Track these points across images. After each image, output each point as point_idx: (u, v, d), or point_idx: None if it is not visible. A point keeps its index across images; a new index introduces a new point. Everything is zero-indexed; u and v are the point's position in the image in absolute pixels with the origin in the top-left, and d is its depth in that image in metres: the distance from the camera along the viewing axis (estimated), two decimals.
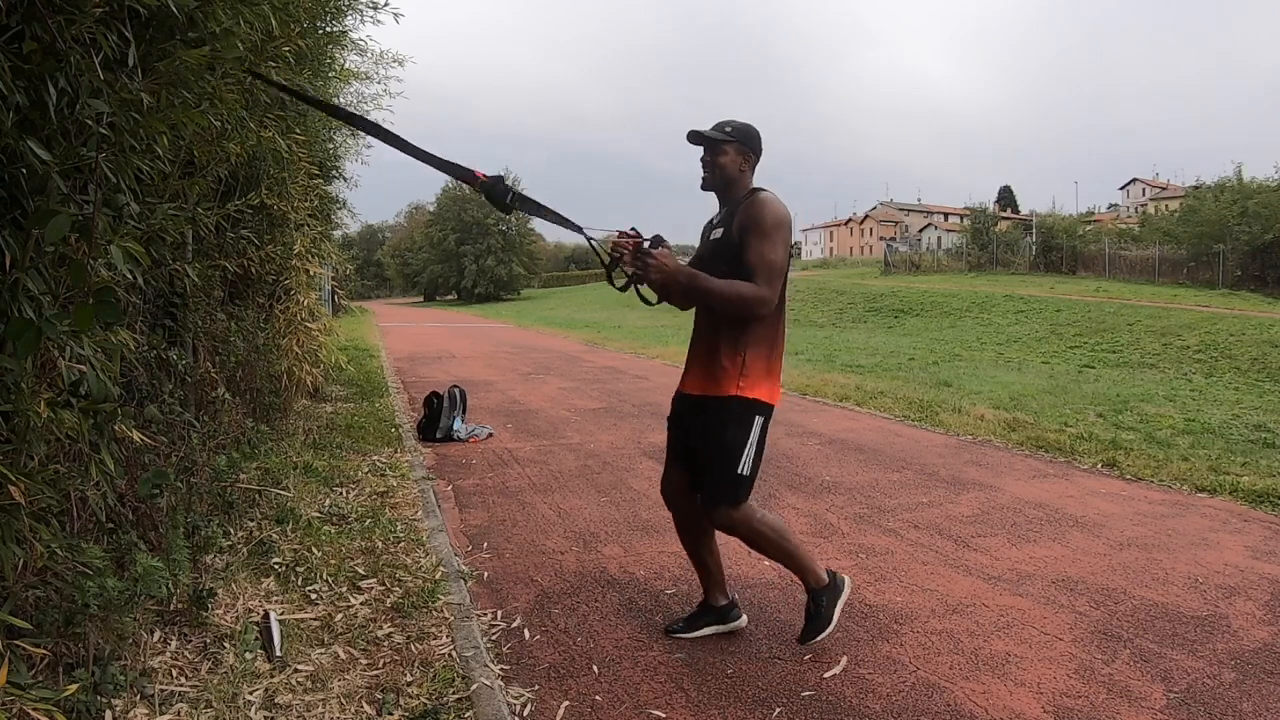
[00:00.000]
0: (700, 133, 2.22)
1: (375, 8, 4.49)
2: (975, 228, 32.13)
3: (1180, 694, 2.08)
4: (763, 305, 2.10)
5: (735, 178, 2.24)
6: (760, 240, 2.10)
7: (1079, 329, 16.40)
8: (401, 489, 3.88)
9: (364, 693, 1.97)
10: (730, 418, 2.18)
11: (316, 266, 5.19)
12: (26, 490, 1.45)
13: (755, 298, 2.08)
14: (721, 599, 2.45)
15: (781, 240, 2.13)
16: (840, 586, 2.34)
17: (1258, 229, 21.90)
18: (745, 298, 2.08)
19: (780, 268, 2.12)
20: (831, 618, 2.29)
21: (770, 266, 2.09)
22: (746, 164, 2.25)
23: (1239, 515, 3.77)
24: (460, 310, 37.96)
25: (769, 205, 2.14)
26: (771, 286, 2.10)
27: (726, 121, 2.24)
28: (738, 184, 2.25)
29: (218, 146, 2.33)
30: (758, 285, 2.08)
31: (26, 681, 1.53)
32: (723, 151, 2.22)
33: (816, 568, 2.32)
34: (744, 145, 2.23)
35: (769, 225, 2.11)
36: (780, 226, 2.13)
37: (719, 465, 2.19)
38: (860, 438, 5.59)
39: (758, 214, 2.13)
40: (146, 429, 2.23)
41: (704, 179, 2.27)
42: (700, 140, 2.24)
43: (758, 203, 2.15)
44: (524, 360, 11.38)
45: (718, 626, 2.42)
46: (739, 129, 2.23)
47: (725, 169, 2.23)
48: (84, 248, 1.52)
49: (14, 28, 1.39)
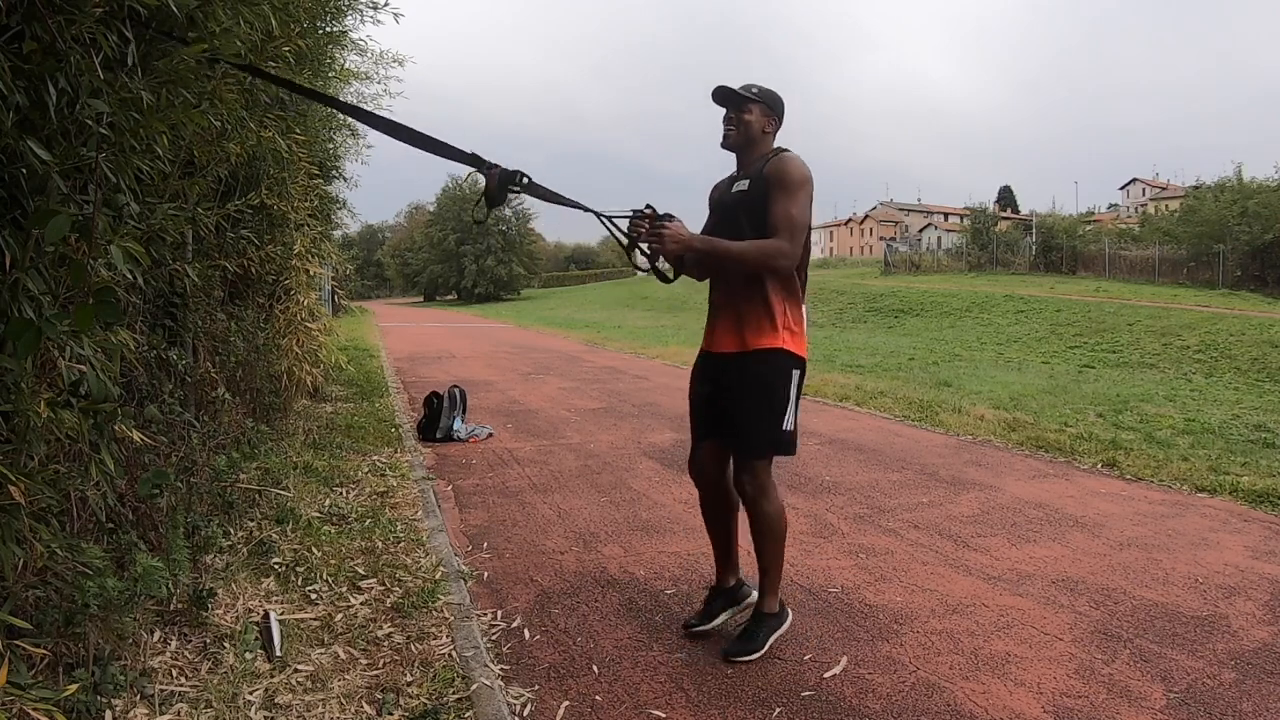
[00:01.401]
0: (726, 88, 2.23)
1: (375, 8, 4.50)
2: (975, 228, 32.14)
3: (1180, 694, 2.08)
4: (784, 257, 2.11)
5: (758, 137, 2.25)
6: (785, 195, 2.12)
7: (1079, 329, 16.41)
8: (401, 489, 3.88)
9: (364, 693, 1.97)
10: (774, 371, 2.18)
11: (316, 266, 5.19)
12: (26, 490, 1.45)
13: (777, 250, 2.09)
14: (732, 579, 2.45)
15: (805, 196, 2.14)
16: (784, 619, 2.35)
17: (1258, 229, 21.91)
18: (767, 251, 2.09)
19: (803, 224, 2.14)
20: (764, 645, 2.26)
21: (793, 221, 2.11)
22: (770, 125, 2.27)
23: (1239, 515, 3.77)
24: (460, 310, 37.97)
25: (794, 162, 2.17)
26: (794, 240, 2.10)
27: (752, 84, 2.26)
28: (759, 144, 2.26)
29: (218, 146, 2.33)
30: (779, 239, 2.09)
31: (26, 681, 1.53)
32: (748, 110, 2.23)
33: (778, 595, 2.33)
34: (768, 106, 2.25)
35: (795, 181, 2.13)
36: (806, 184, 2.15)
37: (765, 420, 2.18)
38: (860, 438, 5.59)
39: (785, 169, 2.15)
40: (146, 429, 2.23)
41: (726, 135, 2.27)
42: (726, 97, 2.24)
43: (785, 159, 2.18)
44: (524, 360, 11.38)
45: (732, 608, 2.42)
46: (764, 91, 2.25)
47: (750, 127, 2.23)
48: (84, 248, 1.52)
49: (14, 28, 1.39)
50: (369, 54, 6.03)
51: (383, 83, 6.60)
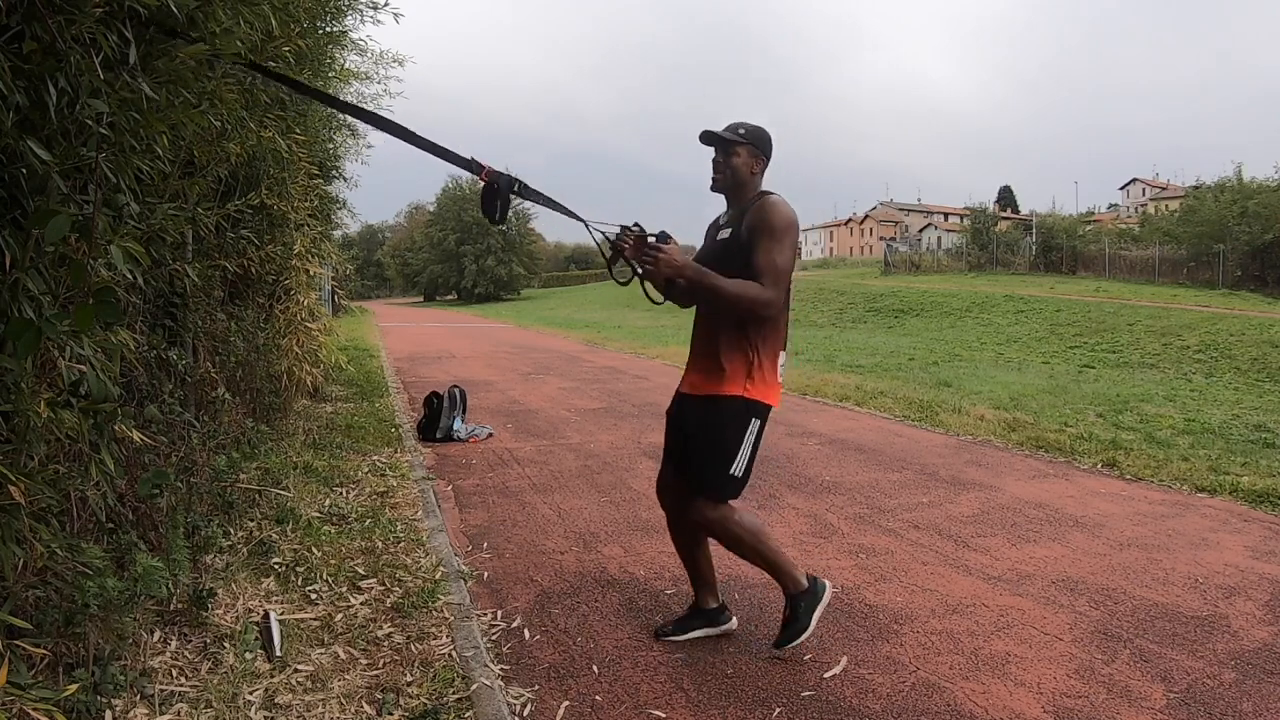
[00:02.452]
0: (713, 133, 2.23)
1: (375, 8, 4.50)
2: (975, 228, 32.12)
3: (1180, 694, 2.08)
4: (768, 307, 2.11)
5: (746, 179, 2.25)
6: (769, 242, 2.11)
7: (1079, 329, 16.40)
8: (401, 489, 3.88)
9: (364, 693, 1.97)
10: (730, 418, 2.18)
11: (316, 266, 5.19)
12: (26, 490, 1.45)
13: (760, 299, 2.09)
14: (712, 602, 2.45)
15: (789, 243, 2.14)
16: (820, 592, 2.31)
17: (1258, 229, 21.90)
18: (751, 298, 2.09)
19: (786, 270, 2.13)
20: (809, 624, 2.26)
21: (777, 269, 2.10)
22: (758, 166, 2.26)
23: (1239, 515, 3.77)
24: (460, 310, 37.96)
25: (778, 208, 2.16)
26: (777, 288, 2.11)
27: (739, 123, 2.24)
28: (748, 186, 2.26)
29: (218, 146, 2.33)
30: (764, 287, 2.09)
31: (26, 681, 1.52)
32: (735, 153, 2.23)
33: (795, 572, 2.29)
34: (756, 148, 2.24)
35: (778, 228, 2.12)
36: (789, 230, 2.14)
37: (712, 462, 2.19)
38: (860, 438, 5.59)
39: (767, 216, 2.14)
40: (146, 429, 2.23)
41: (715, 180, 2.28)
42: (713, 140, 2.24)
43: (768, 205, 2.16)
44: (524, 360, 11.38)
45: (707, 629, 2.42)
46: (751, 131, 2.24)
47: (737, 170, 2.23)
48: (84, 248, 1.52)
49: (14, 28, 1.39)
50: (369, 54, 6.04)
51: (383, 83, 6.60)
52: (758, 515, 3.63)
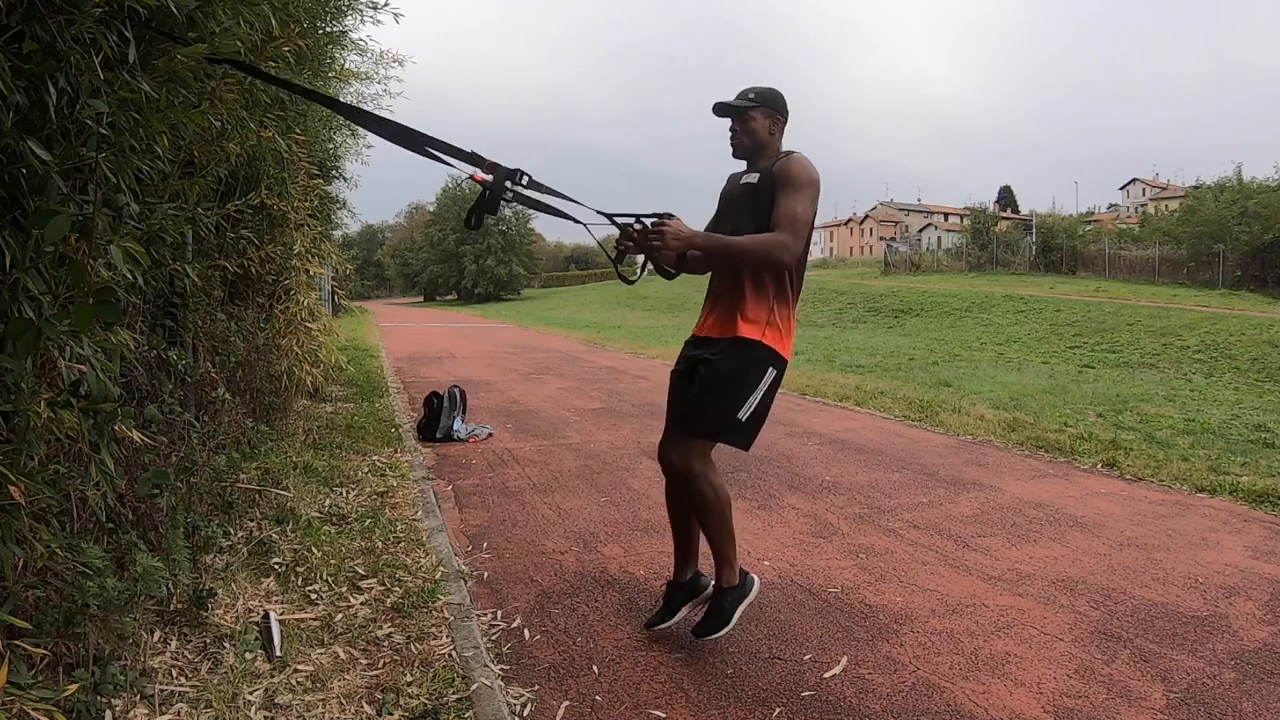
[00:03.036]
0: (725, 103, 2.25)
1: (375, 8, 4.50)
2: (975, 228, 32.11)
3: (1180, 694, 2.08)
4: (785, 251, 2.11)
5: (766, 140, 2.27)
6: (791, 193, 2.14)
7: (1079, 329, 16.40)
8: (401, 489, 3.88)
9: (364, 693, 1.97)
10: (749, 361, 2.18)
11: (316, 266, 5.19)
12: (26, 490, 1.44)
13: (778, 243, 2.10)
14: (689, 571, 2.42)
15: (810, 197, 2.16)
16: (748, 589, 2.32)
17: (1258, 229, 21.89)
18: (768, 243, 2.10)
19: (806, 221, 2.15)
20: (732, 619, 2.25)
21: (796, 218, 2.12)
22: (775, 126, 2.28)
23: (1239, 515, 3.77)
24: (460, 310, 37.97)
25: (803, 163, 2.19)
26: (795, 235, 2.12)
27: (749, 88, 2.27)
28: (769, 146, 2.28)
29: (218, 146, 2.33)
30: (781, 233, 2.10)
31: (26, 681, 1.52)
32: (750, 117, 2.25)
33: (735, 565, 2.29)
34: (770, 108, 2.26)
35: (801, 181, 2.15)
36: (812, 184, 2.17)
37: (723, 399, 2.16)
38: (860, 438, 5.59)
39: (792, 169, 2.17)
40: (146, 429, 2.23)
41: (735, 146, 2.30)
42: (726, 110, 2.26)
43: (793, 160, 2.20)
44: (524, 360, 11.38)
45: (691, 601, 2.40)
46: (762, 93, 2.26)
47: (756, 133, 2.25)
48: (84, 248, 1.52)
49: (14, 28, 1.39)
50: (369, 54, 6.04)
51: (383, 83, 6.61)
52: (757, 516, 3.64)
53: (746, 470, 4.49)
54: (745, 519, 3.62)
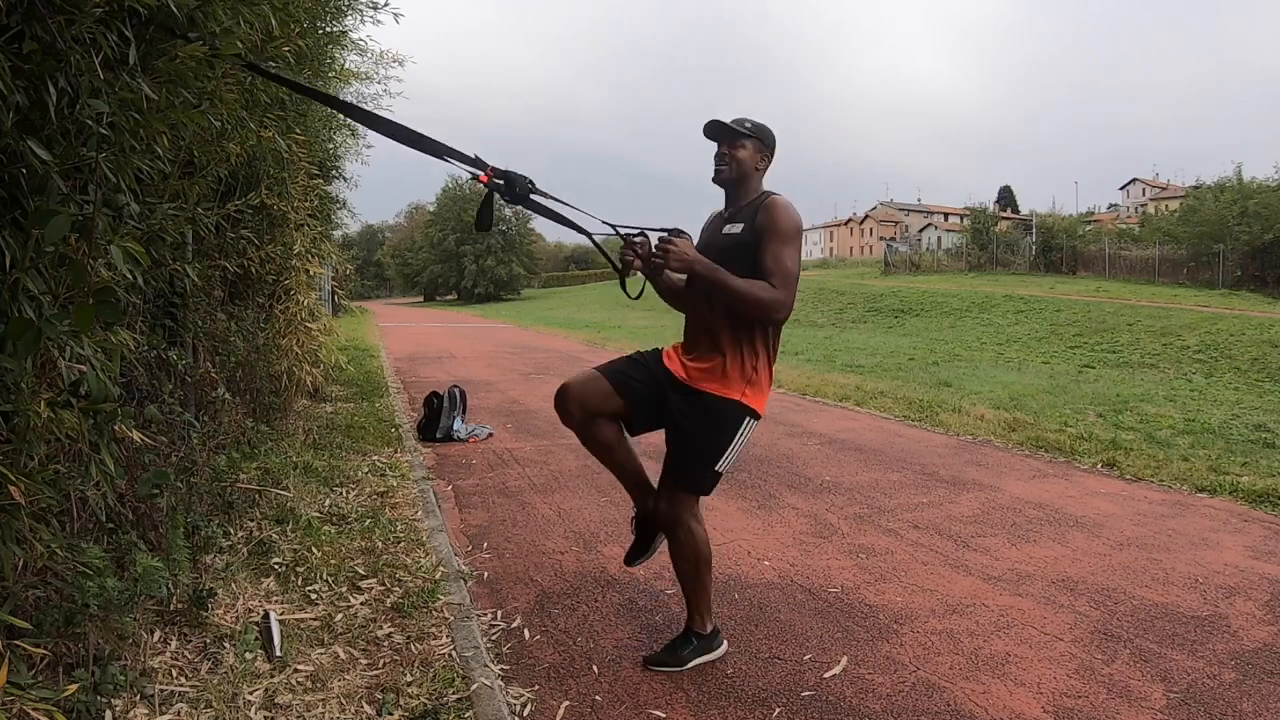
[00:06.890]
0: (721, 123, 2.21)
1: (375, 8, 4.50)
2: (975, 228, 32.09)
3: (1180, 694, 2.08)
4: (781, 310, 2.07)
5: (750, 173, 2.23)
6: (780, 245, 2.09)
7: (1079, 329, 16.40)
8: (401, 489, 3.88)
9: (364, 693, 1.97)
10: (728, 422, 2.16)
11: (316, 266, 5.18)
12: (26, 490, 1.44)
13: (775, 301, 2.05)
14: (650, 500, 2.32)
15: (798, 247, 2.13)
16: (715, 645, 2.28)
17: (1258, 229, 21.88)
18: (765, 300, 2.05)
19: (795, 275, 2.11)
20: (686, 663, 2.22)
21: (788, 272, 2.08)
22: (762, 162, 2.24)
23: (1239, 515, 3.77)
24: (460, 310, 37.96)
25: (788, 210, 2.14)
26: (789, 293, 2.08)
27: (745, 118, 2.24)
28: (751, 180, 2.23)
29: (218, 146, 2.32)
30: (776, 290, 2.05)
31: (26, 681, 1.52)
32: (741, 145, 2.21)
33: (707, 617, 2.27)
34: (761, 143, 2.23)
35: (789, 231, 2.10)
36: (799, 233, 2.14)
37: (700, 460, 2.16)
38: (860, 438, 5.59)
39: (778, 217, 2.12)
40: (146, 429, 2.23)
41: (718, 171, 2.24)
42: (720, 131, 2.22)
43: (778, 206, 2.14)
44: (524, 360, 11.38)
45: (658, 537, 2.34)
46: (757, 126, 2.23)
47: (742, 163, 2.21)
48: (84, 248, 1.52)
49: (14, 28, 1.39)
50: (369, 54, 6.05)
51: (383, 83, 6.62)
52: (757, 516, 3.64)
53: (747, 470, 4.49)
54: (745, 519, 3.62)
